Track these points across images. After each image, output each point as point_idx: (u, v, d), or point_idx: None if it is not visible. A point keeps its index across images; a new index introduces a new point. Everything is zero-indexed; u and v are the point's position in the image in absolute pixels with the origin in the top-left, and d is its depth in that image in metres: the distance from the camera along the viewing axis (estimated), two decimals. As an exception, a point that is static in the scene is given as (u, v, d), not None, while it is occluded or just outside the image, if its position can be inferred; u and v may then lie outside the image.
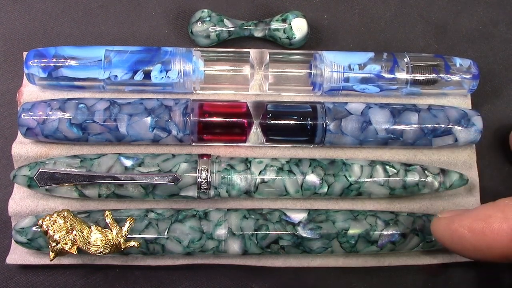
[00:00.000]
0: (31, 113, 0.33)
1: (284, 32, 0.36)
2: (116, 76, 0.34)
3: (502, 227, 0.26)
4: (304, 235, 0.33)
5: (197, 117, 0.33)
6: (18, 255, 0.34)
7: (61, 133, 0.33)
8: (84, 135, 0.33)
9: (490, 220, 0.26)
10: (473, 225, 0.27)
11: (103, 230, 0.31)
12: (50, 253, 0.31)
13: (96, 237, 0.31)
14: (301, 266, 0.35)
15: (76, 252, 0.31)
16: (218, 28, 0.36)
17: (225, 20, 0.37)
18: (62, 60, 0.33)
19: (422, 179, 0.34)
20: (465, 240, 0.27)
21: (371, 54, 0.35)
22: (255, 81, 0.36)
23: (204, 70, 0.34)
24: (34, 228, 0.32)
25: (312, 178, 0.33)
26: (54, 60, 0.33)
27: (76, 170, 0.32)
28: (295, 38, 0.36)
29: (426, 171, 0.34)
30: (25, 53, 0.35)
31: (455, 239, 0.28)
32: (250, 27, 0.37)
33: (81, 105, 0.33)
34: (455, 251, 0.29)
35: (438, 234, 0.29)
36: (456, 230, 0.27)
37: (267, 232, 0.33)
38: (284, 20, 0.36)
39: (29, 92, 0.35)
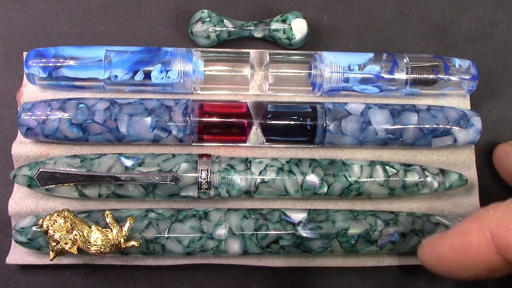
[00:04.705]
0: (31, 113, 0.33)
1: (284, 32, 0.37)
2: (116, 76, 0.34)
3: (479, 239, 0.25)
4: (304, 235, 0.33)
5: (197, 117, 0.33)
6: (18, 255, 0.34)
7: (61, 133, 0.33)
8: (84, 135, 0.33)
9: (468, 234, 0.26)
10: (454, 242, 0.26)
11: (103, 230, 0.31)
12: (50, 253, 0.31)
13: (96, 237, 0.31)
14: (301, 266, 0.35)
15: (76, 252, 0.31)
16: (218, 29, 0.36)
17: (225, 20, 0.37)
18: (62, 60, 0.33)
19: (422, 179, 0.34)
20: (450, 260, 0.26)
21: (370, 55, 0.35)
22: (255, 82, 0.36)
23: (204, 71, 0.34)
24: (34, 228, 0.32)
25: (312, 178, 0.33)
26: (54, 60, 0.33)
27: (76, 170, 0.32)
28: (295, 38, 0.37)
29: (425, 171, 0.34)
30: (25, 53, 0.35)
31: (441, 261, 0.27)
32: (250, 28, 0.37)
33: (81, 105, 0.33)
34: (445, 274, 0.28)
35: (425, 260, 0.28)
36: (439, 251, 0.27)
37: (267, 232, 0.33)
38: (284, 21, 0.37)
39: (29, 92, 0.35)
